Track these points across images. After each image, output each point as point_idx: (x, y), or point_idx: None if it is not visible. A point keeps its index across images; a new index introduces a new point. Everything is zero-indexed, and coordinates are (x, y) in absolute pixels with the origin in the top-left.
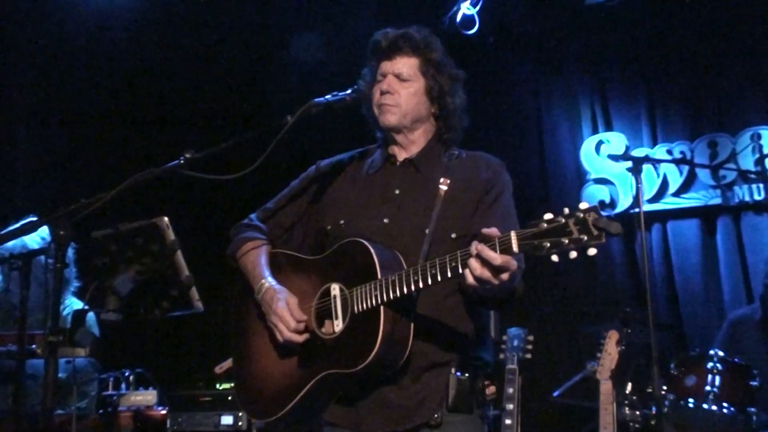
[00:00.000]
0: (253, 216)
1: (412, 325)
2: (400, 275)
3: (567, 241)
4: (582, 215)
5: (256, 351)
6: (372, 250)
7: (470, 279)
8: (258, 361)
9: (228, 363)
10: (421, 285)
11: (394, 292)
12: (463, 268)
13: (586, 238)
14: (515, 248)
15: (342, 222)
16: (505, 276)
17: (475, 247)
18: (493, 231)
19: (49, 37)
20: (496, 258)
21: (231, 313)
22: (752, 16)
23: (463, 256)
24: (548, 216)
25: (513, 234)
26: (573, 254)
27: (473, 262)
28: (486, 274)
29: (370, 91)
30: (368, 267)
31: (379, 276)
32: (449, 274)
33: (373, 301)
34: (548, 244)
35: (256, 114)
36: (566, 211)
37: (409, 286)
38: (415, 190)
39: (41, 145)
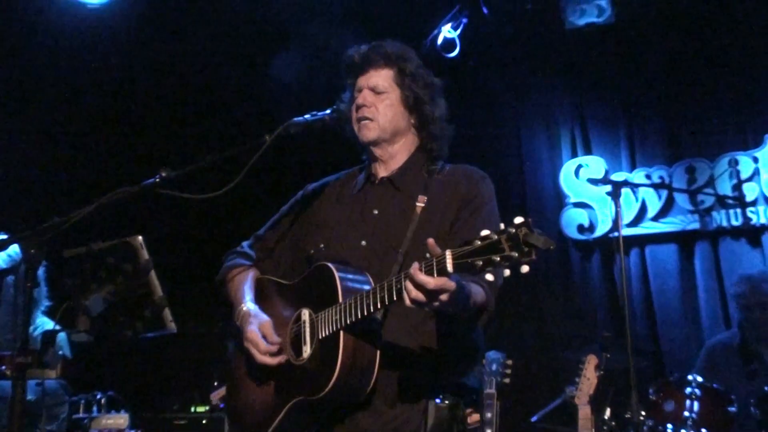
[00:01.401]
0: (244, 243)
1: (379, 350)
2: (356, 298)
3: (499, 259)
4: (514, 231)
5: (242, 378)
6: (336, 274)
7: (407, 302)
8: (243, 388)
9: (223, 390)
10: (372, 309)
11: (350, 316)
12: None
13: (516, 254)
14: (450, 268)
15: (322, 246)
16: (443, 297)
17: (411, 270)
18: (430, 242)
19: (22, 53)
20: (429, 282)
21: (228, 339)
22: (730, 44)
23: (406, 275)
24: (485, 232)
25: (448, 253)
26: (506, 272)
27: (408, 285)
28: (420, 297)
29: (350, 112)
30: (332, 291)
31: (340, 300)
32: (395, 297)
33: (334, 326)
34: (480, 263)
35: (234, 132)
36: (501, 226)
37: (362, 310)
38: (392, 209)
39: (13, 162)
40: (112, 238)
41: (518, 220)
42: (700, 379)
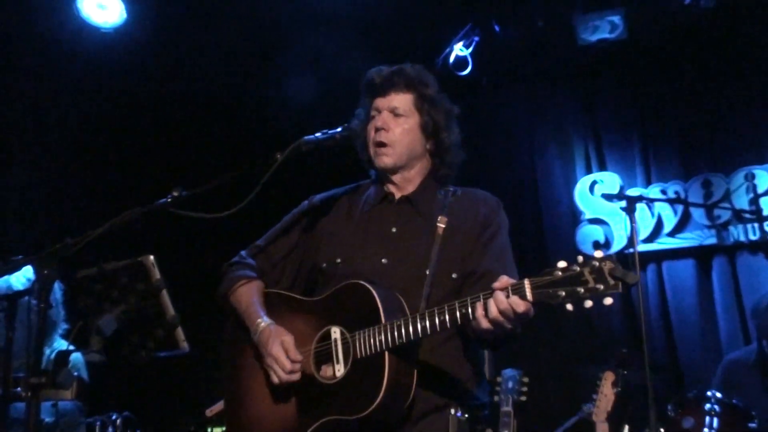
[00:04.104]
0: (243, 252)
1: (416, 371)
2: (406, 320)
3: (582, 291)
4: (598, 264)
5: (251, 394)
6: (375, 294)
7: (483, 323)
8: (252, 405)
9: (219, 406)
10: (429, 331)
11: (400, 337)
12: (473, 314)
13: (602, 287)
14: (529, 297)
15: (338, 260)
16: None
17: (497, 288)
18: (504, 281)
19: (37, 76)
20: (520, 305)
21: (222, 353)
22: (745, 57)
23: (472, 300)
24: (562, 264)
25: (527, 282)
26: (588, 303)
27: (491, 305)
28: (500, 318)
29: (364, 131)
30: (371, 311)
31: (383, 320)
32: (459, 321)
33: (378, 347)
34: (563, 293)
35: (245, 151)
36: (580, 259)
37: (416, 333)
38: (412, 228)
39: (26, 184)
40: (125, 258)
41: (599, 254)
42: (719, 395)
